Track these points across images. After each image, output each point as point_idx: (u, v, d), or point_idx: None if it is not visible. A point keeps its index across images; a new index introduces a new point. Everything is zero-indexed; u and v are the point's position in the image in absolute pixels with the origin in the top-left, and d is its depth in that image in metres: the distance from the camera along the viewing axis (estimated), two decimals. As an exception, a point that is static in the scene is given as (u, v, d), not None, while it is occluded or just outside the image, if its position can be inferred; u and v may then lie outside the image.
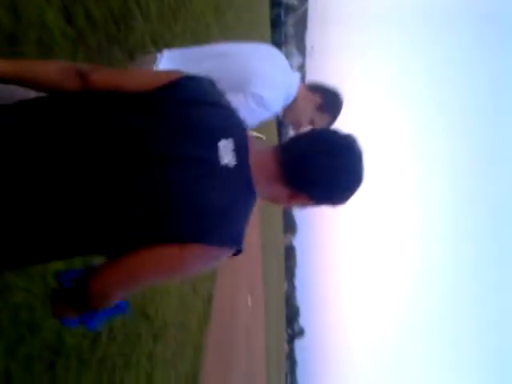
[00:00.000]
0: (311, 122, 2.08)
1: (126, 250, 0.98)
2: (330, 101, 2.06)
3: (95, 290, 0.99)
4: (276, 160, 1.11)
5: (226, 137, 1.06)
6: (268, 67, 1.92)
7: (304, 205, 1.16)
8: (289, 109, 2.07)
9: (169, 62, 1.93)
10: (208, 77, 1.17)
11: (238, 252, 1.07)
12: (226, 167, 1.04)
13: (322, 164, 1.07)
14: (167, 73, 1.14)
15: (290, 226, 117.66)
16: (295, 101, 2.03)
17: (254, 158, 1.09)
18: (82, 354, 2.81)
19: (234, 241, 1.04)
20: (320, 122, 2.07)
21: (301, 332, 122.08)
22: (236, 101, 1.69)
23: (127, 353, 3.54)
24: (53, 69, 1.05)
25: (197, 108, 1.07)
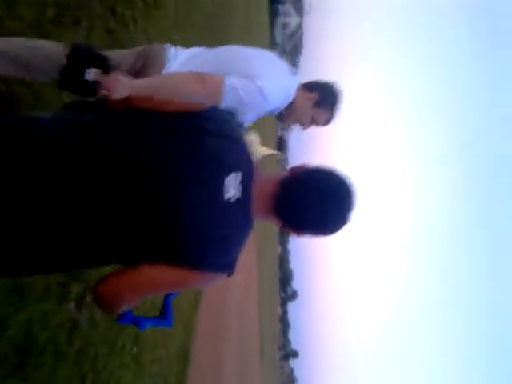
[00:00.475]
0: (313, 120, 2.16)
1: (138, 263, 1.09)
2: (326, 96, 2.12)
3: (105, 290, 1.10)
4: (273, 195, 1.18)
5: (235, 170, 1.14)
6: (272, 68, 2.00)
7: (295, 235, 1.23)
8: (289, 110, 2.14)
9: (179, 61, 1.97)
10: (229, 108, 1.35)
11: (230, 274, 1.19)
12: (231, 199, 1.13)
13: (310, 208, 1.15)
14: (193, 102, 1.23)
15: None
16: (293, 102, 2.10)
17: (257, 190, 1.18)
18: (59, 346, 2.54)
19: (229, 267, 1.17)
20: (321, 118, 2.15)
21: (294, 295, 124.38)
22: (240, 81, 1.83)
23: (111, 339, 3.30)
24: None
25: (213, 139, 1.16)
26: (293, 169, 1.22)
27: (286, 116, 2.18)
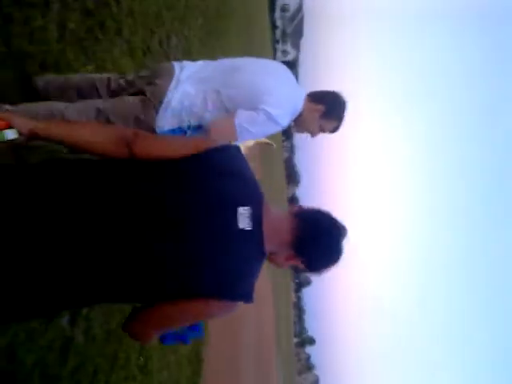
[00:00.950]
0: (321, 129, 2.25)
1: (158, 301, 1.18)
2: (332, 107, 2.19)
3: (135, 330, 1.25)
4: (290, 231, 1.27)
5: (244, 205, 1.20)
6: (279, 86, 2.05)
7: (295, 266, 1.32)
8: (297, 121, 2.22)
9: (185, 78, 2.01)
10: (235, 145, 1.32)
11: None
12: (243, 232, 1.19)
13: (323, 244, 1.28)
14: (198, 142, 1.25)
15: (292, 177, 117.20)
16: (301, 114, 2.17)
17: (268, 223, 1.24)
18: (48, 370, 2.27)
19: (247, 296, 1.23)
20: (328, 127, 2.24)
21: (307, 281, 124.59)
22: (248, 117, 1.94)
23: (112, 351, 3.03)
24: (105, 139, 1.19)
25: (220, 178, 1.21)
26: (292, 208, 1.34)
27: (295, 126, 2.28)
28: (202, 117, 1.98)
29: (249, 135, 2.00)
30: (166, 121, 1.96)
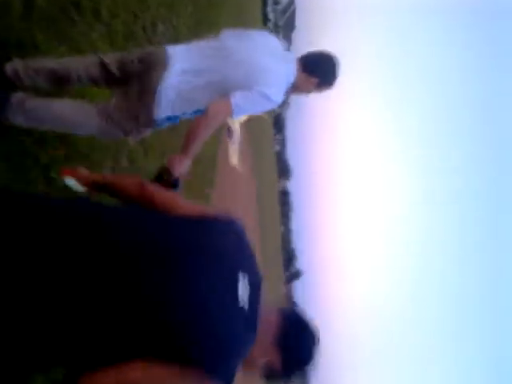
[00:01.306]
0: (318, 91, 2.27)
1: (126, 358, 0.97)
2: (325, 77, 2.21)
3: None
4: (277, 322, 1.25)
5: (244, 271, 1.17)
6: (272, 64, 2.06)
7: (270, 364, 1.24)
8: (292, 91, 2.24)
9: (179, 59, 2.02)
10: (238, 221, 1.30)
11: None
12: (242, 304, 1.12)
13: (306, 342, 1.27)
14: (206, 209, 1.27)
15: (284, 171, 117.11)
16: (295, 84, 2.18)
17: (261, 308, 1.20)
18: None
19: (228, 377, 1.06)
20: (325, 90, 2.28)
21: (298, 273, 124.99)
22: (244, 97, 1.96)
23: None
24: (130, 182, 1.34)
25: (225, 240, 1.19)
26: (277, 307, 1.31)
27: (291, 92, 2.26)
28: (197, 101, 2.00)
29: (245, 113, 2.05)
30: (161, 109, 1.98)
